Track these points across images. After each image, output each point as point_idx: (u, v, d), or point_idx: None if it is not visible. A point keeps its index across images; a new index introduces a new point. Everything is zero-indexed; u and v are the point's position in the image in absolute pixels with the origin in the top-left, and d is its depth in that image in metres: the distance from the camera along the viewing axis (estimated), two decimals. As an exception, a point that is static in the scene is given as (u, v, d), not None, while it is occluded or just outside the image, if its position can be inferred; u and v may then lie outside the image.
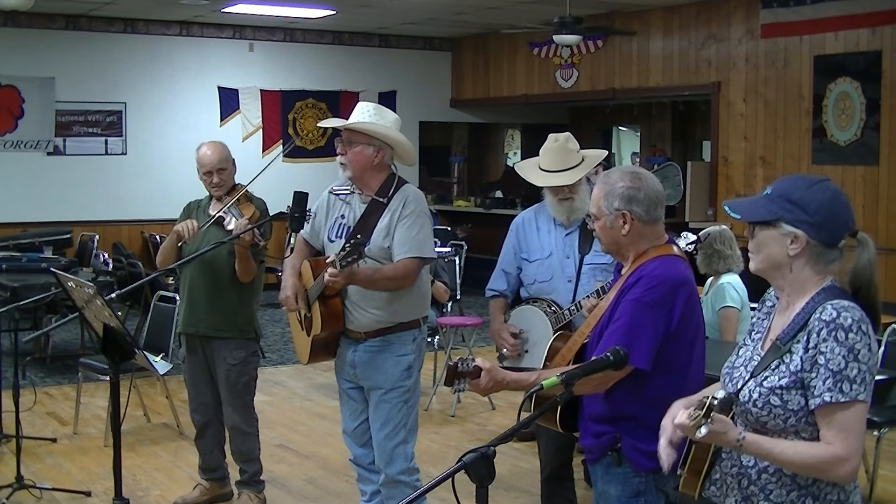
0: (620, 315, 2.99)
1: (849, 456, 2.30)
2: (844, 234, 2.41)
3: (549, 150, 4.25)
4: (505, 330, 4.28)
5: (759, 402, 2.39)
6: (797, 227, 2.38)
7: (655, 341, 2.92)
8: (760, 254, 2.46)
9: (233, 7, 11.22)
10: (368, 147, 4.18)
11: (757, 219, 2.45)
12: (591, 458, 3.14)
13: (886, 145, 9.12)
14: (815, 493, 2.40)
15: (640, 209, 2.99)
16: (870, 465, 5.46)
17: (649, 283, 2.96)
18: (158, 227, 11.51)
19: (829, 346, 2.30)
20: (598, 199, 3.06)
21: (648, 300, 2.94)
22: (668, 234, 3.15)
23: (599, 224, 3.07)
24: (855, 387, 2.29)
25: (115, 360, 4.04)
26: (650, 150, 13.91)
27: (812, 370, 2.32)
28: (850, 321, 2.31)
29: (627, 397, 2.98)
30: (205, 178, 5.01)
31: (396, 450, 4.27)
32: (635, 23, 11.28)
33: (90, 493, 5.44)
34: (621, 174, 3.05)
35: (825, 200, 2.39)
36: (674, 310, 2.94)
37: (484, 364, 2.98)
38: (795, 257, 2.40)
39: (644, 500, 3.02)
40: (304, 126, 13.23)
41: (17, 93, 11.47)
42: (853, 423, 2.30)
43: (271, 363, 8.87)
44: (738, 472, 2.48)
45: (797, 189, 2.42)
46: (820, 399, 2.30)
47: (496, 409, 7.38)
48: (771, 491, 2.42)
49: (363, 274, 4.05)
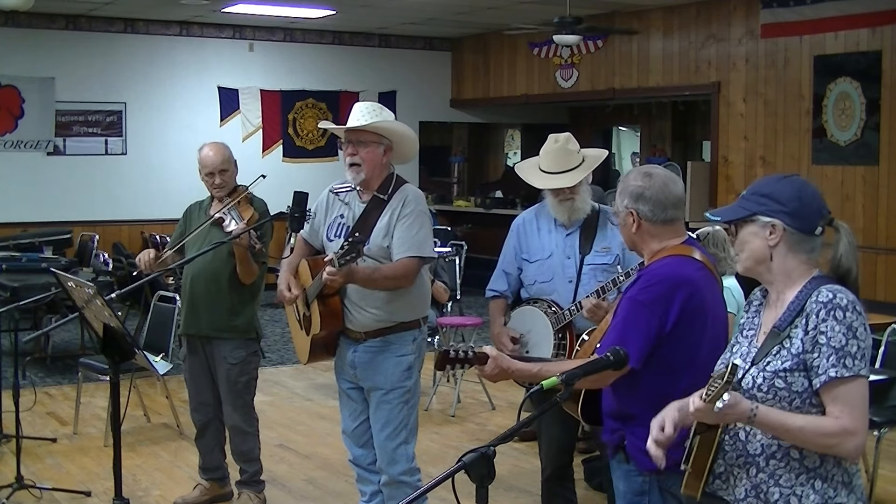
0: (619, 312, 3.05)
1: (857, 430, 2.36)
2: (818, 220, 2.50)
3: (549, 152, 4.23)
4: (505, 335, 4.27)
5: (764, 387, 2.43)
6: (773, 217, 2.49)
7: (647, 340, 2.93)
8: (744, 251, 2.56)
9: (233, 7, 11.23)
10: (379, 146, 4.18)
11: (735, 217, 2.56)
12: (609, 454, 3.21)
13: (886, 145, 9.12)
14: (822, 474, 2.44)
15: (645, 208, 3.03)
16: (870, 465, 5.46)
17: (647, 281, 3.00)
18: (158, 227, 11.51)
19: (829, 325, 2.38)
20: (616, 196, 3.16)
21: (643, 298, 2.97)
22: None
23: (618, 221, 3.17)
24: (857, 362, 2.37)
25: (115, 360, 4.04)
26: (650, 150, 13.91)
27: (814, 350, 2.39)
28: (846, 301, 2.40)
29: (627, 395, 3.02)
30: (206, 178, 5.01)
31: (398, 450, 4.26)
32: (635, 23, 11.28)
33: (90, 493, 5.44)
34: (636, 173, 3.12)
35: (795, 189, 2.52)
36: (669, 310, 2.94)
37: (491, 351, 3.10)
38: (776, 247, 2.50)
39: (648, 499, 3.04)
40: (304, 126, 13.23)
41: (17, 93, 11.47)
42: (858, 397, 2.38)
43: (271, 363, 8.87)
44: (746, 462, 2.50)
45: (767, 184, 2.57)
46: (825, 375, 2.37)
47: (496, 409, 7.38)
48: (780, 476, 2.46)
49: (362, 273, 4.04)
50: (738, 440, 2.51)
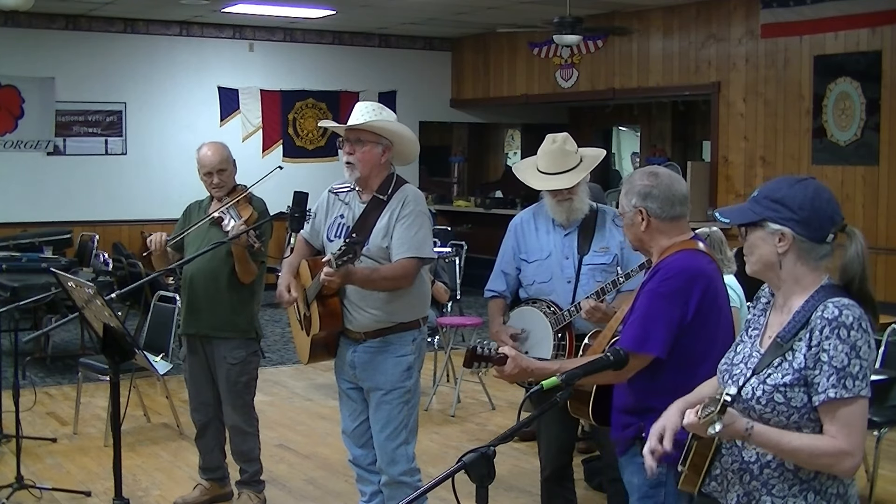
0: (638, 306, 3.10)
1: (852, 450, 2.34)
2: (831, 228, 2.45)
3: (547, 153, 4.21)
4: (504, 332, 4.25)
5: (763, 400, 2.41)
6: (783, 225, 2.44)
7: (670, 330, 3.01)
8: (753, 255, 2.52)
9: (233, 7, 11.23)
10: (377, 146, 4.18)
11: (744, 221, 2.52)
12: (620, 450, 3.23)
13: (886, 145, 9.12)
14: (816, 487, 2.43)
15: (654, 205, 3.10)
16: (870, 465, 5.46)
17: (666, 274, 3.07)
18: (158, 227, 11.33)
19: (833, 343, 2.34)
20: (622, 197, 3.19)
21: (663, 290, 3.05)
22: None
23: (625, 222, 3.21)
24: (857, 383, 2.33)
25: (115, 360, 4.04)
26: (650, 150, 13.91)
27: (815, 367, 2.36)
28: (852, 319, 2.35)
29: (648, 388, 3.06)
30: (205, 178, 5.01)
31: (398, 451, 4.26)
32: (635, 23, 11.28)
33: (90, 493, 5.44)
34: (641, 173, 3.18)
35: (808, 197, 2.45)
36: (689, 301, 3.03)
37: (510, 351, 3.16)
38: (784, 255, 2.46)
39: (665, 490, 3.06)
40: (304, 126, 13.23)
41: (17, 93, 11.47)
42: (856, 418, 2.35)
43: (271, 363, 8.87)
44: (740, 468, 2.50)
45: (780, 188, 2.49)
46: (824, 395, 2.34)
47: (496, 409, 7.38)
48: (773, 486, 2.45)
49: (360, 273, 4.04)
50: (735, 445, 2.51)
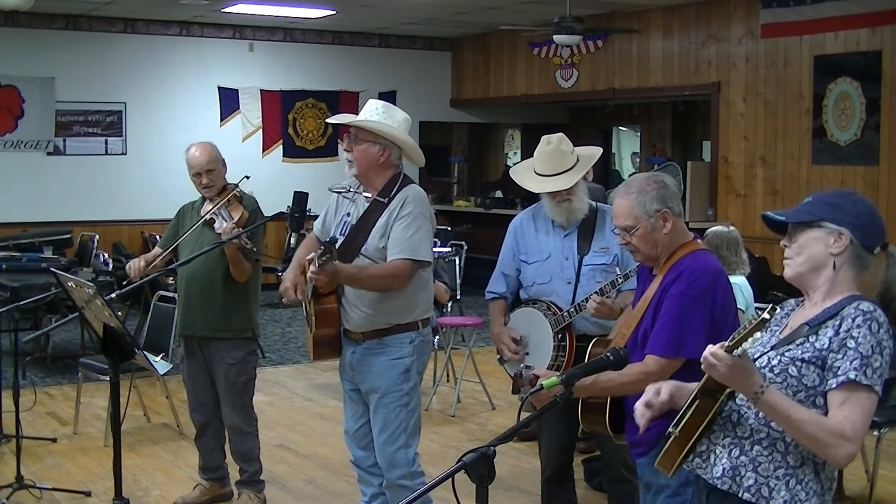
0: (667, 310, 3.12)
1: (853, 438, 2.36)
2: (880, 240, 2.52)
3: (543, 154, 4.18)
4: (506, 334, 4.24)
5: (777, 369, 2.45)
6: (841, 226, 2.48)
7: (704, 330, 3.07)
8: (802, 255, 2.52)
9: (233, 7, 11.23)
10: (374, 146, 4.17)
11: (803, 219, 2.53)
12: (641, 451, 3.22)
13: (886, 145, 9.12)
14: (799, 476, 2.47)
15: (674, 205, 3.20)
16: (870, 465, 5.46)
17: (691, 276, 3.12)
18: (158, 227, 11.46)
19: (863, 332, 2.39)
20: (630, 209, 3.18)
21: (693, 293, 3.10)
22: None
23: (639, 233, 3.18)
24: (875, 376, 2.38)
25: (115, 360, 4.04)
26: (650, 150, 13.91)
27: (840, 351, 2.40)
28: (883, 319, 2.42)
29: None
30: (194, 179, 4.99)
31: (397, 454, 4.22)
32: (635, 23, 11.28)
33: (90, 493, 5.44)
34: (645, 180, 3.23)
35: (866, 205, 2.54)
36: (715, 299, 3.11)
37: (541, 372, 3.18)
38: (839, 255, 2.49)
39: (692, 489, 3.05)
40: (304, 126, 13.23)
41: (17, 93, 11.47)
42: (865, 408, 2.38)
43: (271, 363, 8.87)
44: (731, 443, 2.53)
45: (837, 196, 2.57)
46: (844, 377, 2.37)
47: (496, 409, 7.38)
48: (760, 463, 2.49)
49: (346, 272, 4.02)
50: (730, 422, 2.54)
